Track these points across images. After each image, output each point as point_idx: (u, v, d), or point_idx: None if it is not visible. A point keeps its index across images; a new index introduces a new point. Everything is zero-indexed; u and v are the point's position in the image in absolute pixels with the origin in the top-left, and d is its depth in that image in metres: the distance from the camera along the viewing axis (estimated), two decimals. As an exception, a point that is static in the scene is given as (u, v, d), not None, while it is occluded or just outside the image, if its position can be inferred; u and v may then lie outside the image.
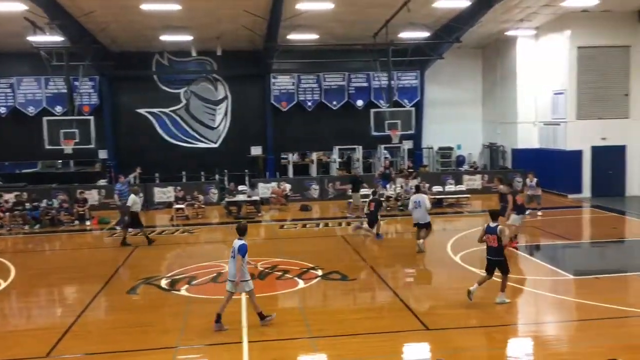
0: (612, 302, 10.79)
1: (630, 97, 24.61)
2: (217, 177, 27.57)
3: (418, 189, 16.89)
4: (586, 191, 24.86)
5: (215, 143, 29.71)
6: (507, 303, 10.98)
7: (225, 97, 29.69)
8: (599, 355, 8.34)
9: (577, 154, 24.73)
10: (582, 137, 24.55)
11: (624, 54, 24.53)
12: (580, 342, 9.28)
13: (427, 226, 15.70)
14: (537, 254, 15.58)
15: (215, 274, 13.71)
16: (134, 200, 17.44)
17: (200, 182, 26.75)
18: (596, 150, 24.67)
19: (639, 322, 9.90)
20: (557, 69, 25.29)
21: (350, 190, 22.54)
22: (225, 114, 29.71)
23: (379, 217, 17.54)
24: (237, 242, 10.03)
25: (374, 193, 18.63)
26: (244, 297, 11.80)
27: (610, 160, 24.60)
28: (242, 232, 10.24)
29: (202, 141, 29.63)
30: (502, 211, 17.64)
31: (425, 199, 15.66)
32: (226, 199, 23.23)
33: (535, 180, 20.63)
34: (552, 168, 25.25)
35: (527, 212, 17.46)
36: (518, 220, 15.66)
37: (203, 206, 23.17)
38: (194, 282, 13.14)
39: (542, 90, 26.61)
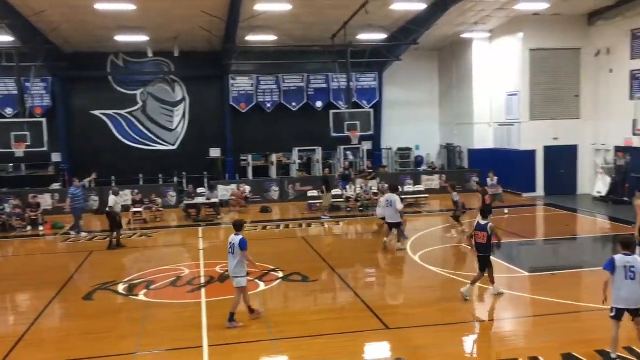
0: (565, 298, 11.09)
1: (581, 98, 25.37)
2: (175, 179, 27.21)
3: (392, 189, 16.80)
4: (540, 190, 25.52)
5: (174, 145, 29.31)
6: (502, 294, 11.45)
7: (183, 99, 29.34)
8: (553, 350, 8.57)
9: (531, 154, 25.37)
10: (535, 137, 25.19)
11: (575, 56, 25.28)
12: (535, 337, 9.50)
13: (397, 226, 15.88)
14: (494, 252, 15.86)
15: (174, 278, 13.52)
16: (115, 201, 17.26)
17: (158, 184, 26.34)
18: (549, 150, 25.35)
19: (591, 316, 10.20)
20: (511, 71, 25.90)
21: (322, 191, 22.53)
22: (183, 115, 29.35)
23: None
24: (236, 238, 10.21)
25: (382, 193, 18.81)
26: (204, 302, 11.68)
27: (562, 159, 25.32)
28: (239, 227, 10.51)
29: (159, 143, 29.19)
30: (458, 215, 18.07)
31: (397, 199, 15.82)
32: (185, 202, 22.95)
33: (495, 178, 21.07)
34: (507, 168, 25.82)
35: (505, 210, 17.90)
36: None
37: (161, 209, 22.82)
38: (152, 287, 12.92)
39: (496, 91, 27.20)
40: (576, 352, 8.43)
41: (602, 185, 23.86)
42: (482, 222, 11.33)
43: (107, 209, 17.54)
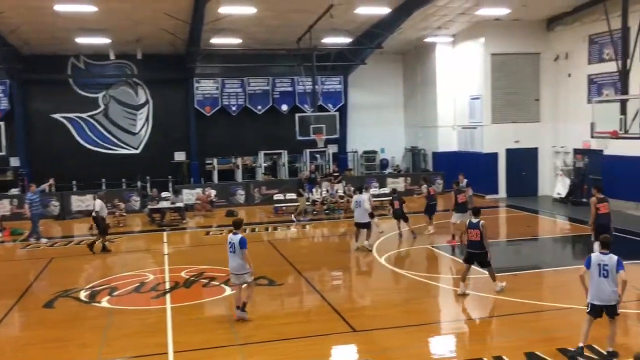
0: (528, 298, 11.31)
1: (541, 102, 25.96)
2: (139, 183, 26.77)
3: (361, 190, 17.13)
4: (502, 192, 25.99)
5: (137, 149, 28.86)
6: (504, 286, 11.71)
7: (147, 102, 28.93)
8: (517, 349, 8.72)
9: (493, 157, 25.82)
10: (497, 140, 25.66)
11: (534, 61, 25.86)
12: (499, 336, 9.66)
13: (367, 226, 16.12)
14: (458, 253, 16.08)
15: (138, 284, 13.31)
16: (101, 205, 17.15)
17: (122, 189, 25.91)
18: (510, 153, 25.85)
19: (553, 315, 10.43)
20: (473, 75, 26.34)
21: (299, 194, 22.52)
22: (147, 119, 28.93)
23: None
24: (236, 237, 10.44)
25: (394, 191, 19.39)
26: (169, 308, 11.53)
27: (523, 162, 25.84)
28: (238, 226, 10.71)
29: (122, 147, 28.71)
30: (431, 210, 18.25)
31: (365, 200, 16.11)
32: (149, 206, 22.61)
33: (465, 181, 21.20)
34: (470, 170, 26.11)
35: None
36: (459, 219, 16.23)
37: (124, 214, 22.45)
38: (115, 293, 12.69)
39: (460, 95, 27.62)
40: (539, 350, 8.60)
41: (561, 187, 24.43)
42: (474, 221, 11.69)
43: (93, 214, 17.42)
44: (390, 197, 18.76)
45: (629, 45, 15.61)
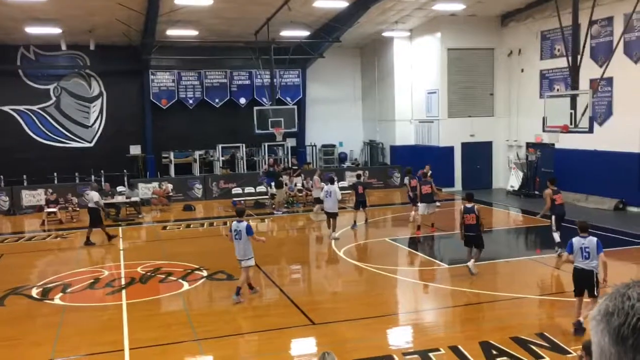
0: (482, 288, 11.57)
1: (495, 97, 26.51)
2: (92, 178, 26.14)
3: (330, 180, 17.47)
4: (458, 185, 26.45)
5: (90, 142, 28.17)
6: (474, 275, 12.16)
7: (100, 94, 28.24)
8: (472, 339, 8.91)
9: (450, 150, 26.25)
10: (453, 134, 26.08)
11: (489, 56, 26.36)
12: (455, 327, 9.85)
13: (335, 216, 16.61)
14: (415, 246, 16.33)
15: (92, 280, 13.03)
16: (98, 197, 17.09)
17: (74, 183, 25.24)
18: (466, 147, 26.32)
19: (506, 305, 10.70)
20: (430, 70, 26.68)
21: (278, 186, 22.59)
22: (101, 111, 28.26)
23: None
24: (242, 225, 10.99)
25: (358, 176, 19.98)
26: (125, 304, 11.35)
27: (478, 155, 26.36)
28: (242, 214, 11.39)
29: (75, 140, 27.97)
30: (414, 200, 18.67)
31: (335, 190, 16.66)
32: (103, 201, 22.08)
33: (429, 173, 21.52)
34: (427, 163, 26.56)
35: (438, 203, 18.78)
36: (425, 209, 16.85)
37: (78, 209, 21.92)
38: (69, 290, 12.39)
39: (417, 89, 27.93)
40: (493, 339, 8.81)
41: (515, 180, 25.03)
42: (469, 205, 12.49)
43: (90, 205, 17.28)
44: (354, 184, 19.09)
45: (579, 41, 16.05)
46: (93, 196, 17.18)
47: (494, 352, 8.38)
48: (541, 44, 23.58)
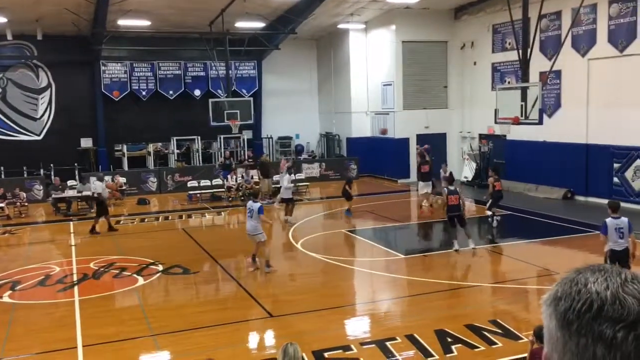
0: (438, 277, 11.79)
1: (449, 89, 26.92)
2: (41, 172, 25.36)
3: (288, 170, 18.75)
4: (413, 176, 26.70)
5: (39, 135, 27.28)
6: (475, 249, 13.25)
7: (49, 85, 27.36)
8: (427, 327, 9.07)
9: (405, 142, 26.55)
10: (408, 125, 26.37)
11: (442, 49, 26.73)
12: (411, 316, 10.00)
13: (288, 201, 17.73)
14: (371, 236, 16.49)
15: (43, 277, 12.67)
16: (102, 187, 17.07)
17: (23, 177, 24.42)
18: (421, 138, 26.56)
19: (460, 293, 10.93)
20: (385, 62, 26.88)
21: (259, 177, 22.57)
22: (50, 103, 27.40)
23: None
24: (255, 205, 12.38)
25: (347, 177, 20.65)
26: (77, 300, 11.10)
27: (432, 146, 26.64)
28: (257, 195, 13.25)
29: (22, 133, 27.04)
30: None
31: (285, 178, 17.92)
32: (53, 196, 21.50)
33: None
34: (383, 155, 26.88)
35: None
36: (424, 187, 18.59)
37: (26, 204, 21.24)
38: (18, 287, 12.02)
39: (372, 81, 28.10)
40: (447, 327, 8.98)
41: (468, 171, 25.52)
42: (452, 188, 13.88)
43: (95, 195, 17.30)
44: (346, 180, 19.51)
45: (529, 35, 16.44)
46: (97, 186, 17.38)
47: (449, 340, 8.55)
48: (493, 37, 24.04)
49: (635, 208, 17.89)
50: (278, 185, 23.56)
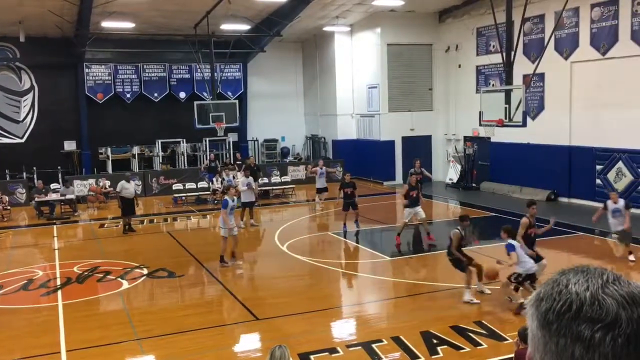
0: (423, 279, 11.83)
1: (434, 92, 27.05)
2: (24, 175, 25.07)
3: (252, 173, 18.44)
4: (399, 178, 26.85)
5: (21, 138, 26.97)
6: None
7: (32, 88, 27.08)
8: (413, 329, 9.10)
9: (390, 144, 26.64)
10: (393, 128, 26.45)
11: (427, 52, 26.87)
12: (397, 318, 10.03)
13: (251, 205, 17.51)
14: (358, 239, 16.50)
15: (25, 281, 12.52)
16: (122, 186, 17.04)
17: (5, 181, 24.15)
18: (406, 141, 26.77)
19: (445, 295, 10.97)
20: (370, 64, 26.95)
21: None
22: (32, 106, 27.10)
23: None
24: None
25: (344, 179, 18.13)
26: (61, 305, 10.99)
27: (418, 149, 26.81)
28: (225, 192, 13.88)
29: (4, 136, 26.72)
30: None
31: (248, 181, 17.40)
32: (36, 199, 21.27)
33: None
34: (369, 157, 26.93)
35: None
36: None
37: (8, 207, 21.00)
38: (0, 292, 11.87)
39: (358, 84, 28.17)
40: (433, 329, 9.02)
41: (453, 173, 25.66)
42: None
43: (124, 195, 17.25)
44: (340, 184, 17.40)
45: (513, 38, 16.59)
46: (118, 185, 17.56)
47: (435, 341, 8.59)
48: (477, 40, 24.22)
49: (617, 209, 18.09)
50: (266, 188, 23.68)
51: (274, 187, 24.61)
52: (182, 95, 28.64)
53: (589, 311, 1.03)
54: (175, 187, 23.69)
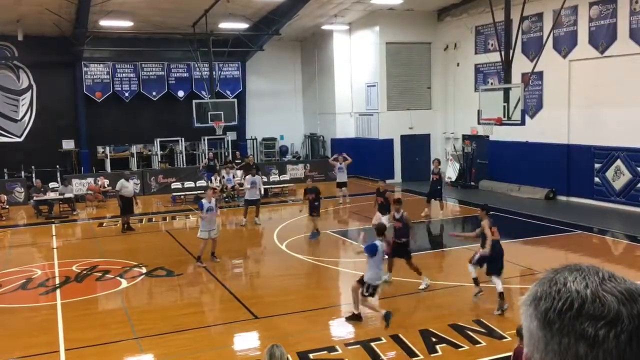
0: (421, 277, 11.80)
1: (432, 90, 27.06)
2: (23, 174, 25.05)
3: (257, 171, 18.89)
4: (398, 177, 26.90)
5: (20, 137, 26.95)
6: None
7: (30, 87, 27.04)
8: (412, 327, 9.11)
9: (389, 143, 26.65)
10: (392, 126, 26.47)
11: (426, 50, 26.87)
12: (395, 316, 10.01)
13: (255, 203, 17.67)
14: (356, 237, 16.46)
15: (24, 280, 12.52)
16: (122, 185, 17.07)
17: (3, 180, 24.13)
18: (405, 139, 26.78)
19: (444, 293, 10.99)
20: (369, 63, 26.94)
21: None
22: (31, 104, 27.07)
23: None
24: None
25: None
26: (59, 304, 10.98)
27: (417, 147, 26.87)
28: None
29: (3, 135, 26.68)
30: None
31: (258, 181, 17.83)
32: (34, 198, 21.25)
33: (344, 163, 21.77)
34: (368, 156, 26.92)
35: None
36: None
37: (7, 207, 20.98)
38: (-1, 291, 11.87)
39: (356, 82, 28.16)
40: (432, 327, 9.03)
41: (452, 171, 25.66)
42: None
43: (123, 194, 17.32)
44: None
45: (511, 36, 16.61)
46: (118, 184, 17.63)
47: (434, 339, 8.59)
48: (475, 39, 24.21)
49: (616, 208, 18.15)
50: (265, 187, 23.63)
51: (273, 186, 24.61)
52: (181, 94, 28.62)
53: (591, 309, 1.03)
54: (173, 186, 23.69)
